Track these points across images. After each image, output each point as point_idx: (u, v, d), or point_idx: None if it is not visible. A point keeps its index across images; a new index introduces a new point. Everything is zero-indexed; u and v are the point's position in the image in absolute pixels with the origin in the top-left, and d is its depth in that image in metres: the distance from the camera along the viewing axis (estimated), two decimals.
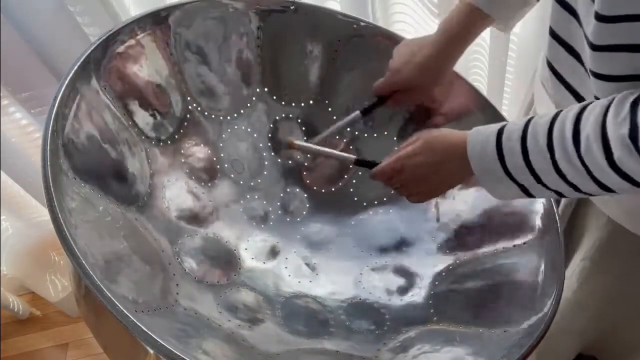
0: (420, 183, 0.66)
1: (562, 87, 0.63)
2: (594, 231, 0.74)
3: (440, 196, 0.75)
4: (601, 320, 0.86)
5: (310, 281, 0.79)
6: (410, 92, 0.75)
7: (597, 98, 0.55)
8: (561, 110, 0.53)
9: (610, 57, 0.49)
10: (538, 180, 0.55)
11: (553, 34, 0.61)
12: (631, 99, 0.47)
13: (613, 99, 0.49)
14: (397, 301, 0.77)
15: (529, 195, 0.58)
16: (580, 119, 0.50)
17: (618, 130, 0.47)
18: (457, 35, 0.70)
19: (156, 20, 0.74)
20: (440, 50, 0.71)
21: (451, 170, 0.62)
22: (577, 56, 0.59)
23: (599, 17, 0.47)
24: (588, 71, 0.54)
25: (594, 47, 0.49)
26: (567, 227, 0.77)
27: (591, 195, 0.55)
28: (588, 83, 0.57)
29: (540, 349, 0.79)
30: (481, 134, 0.58)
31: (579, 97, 0.62)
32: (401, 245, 0.83)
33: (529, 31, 1.14)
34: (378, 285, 0.79)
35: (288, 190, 0.87)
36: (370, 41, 0.84)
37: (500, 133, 0.56)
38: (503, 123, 0.58)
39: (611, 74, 0.51)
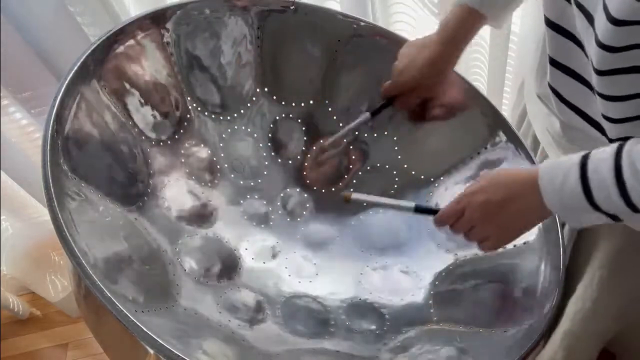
0: (487, 224, 0.59)
1: (567, 108, 0.63)
2: (609, 239, 0.73)
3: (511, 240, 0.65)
4: (620, 321, 0.86)
5: (310, 281, 0.79)
6: (415, 93, 0.76)
7: (605, 117, 0.55)
8: None
9: (617, 79, 0.49)
10: (637, 210, 0.51)
11: (553, 61, 0.61)
12: None
13: None
14: (397, 301, 0.76)
15: (618, 220, 0.54)
16: None
17: None
18: (454, 36, 0.71)
19: (156, 20, 0.74)
20: (439, 51, 0.72)
21: (521, 207, 0.57)
22: (579, 78, 0.59)
23: (605, 47, 0.47)
24: (594, 93, 0.54)
25: (599, 72, 0.49)
26: (576, 239, 0.76)
27: None
28: (594, 103, 0.57)
29: (565, 359, 0.79)
30: (559, 167, 0.54)
31: (586, 117, 0.61)
32: (401, 245, 0.83)
33: (528, 31, 1.14)
34: (378, 285, 0.79)
35: (288, 190, 0.87)
36: (370, 41, 0.84)
37: (583, 164, 0.52)
38: (579, 154, 0.53)
39: (619, 95, 0.51)
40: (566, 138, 0.67)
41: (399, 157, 0.86)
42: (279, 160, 0.87)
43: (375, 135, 0.87)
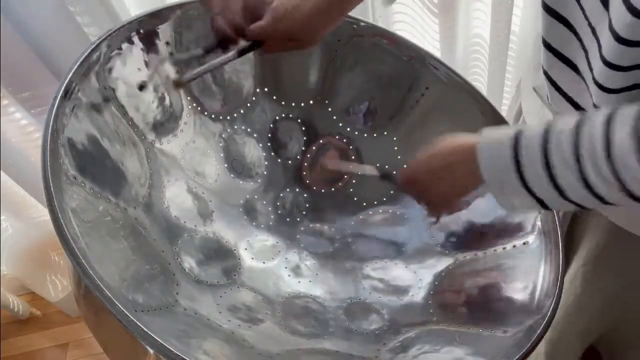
0: (432, 191, 0.62)
1: (559, 95, 0.63)
2: (594, 234, 0.74)
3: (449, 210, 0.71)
4: (604, 318, 0.86)
5: (310, 281, 0.79)
6: (284, 43, 0.70)
7: (595, 106, 0.55)
8: (583, 116, 0.49)
9: (627, 74, 0.48)
10: (562, 194, 0.50)
11: (547, 45, 0.60)
12: None
13: None
14: (397, 301, 0.77)
15: (546, 208, 0.53)
16: (609, 128, 0.46)
17: None
18: None
19: (156, 20, 0.74)
20: (321, 9, 0.67)
21: (458, 176, 0.58)
22: (572, 65, 0.59)
23: (622, 41, 0.45)
24: (591, 82, 0.53)
25: (613, 67, 0.48)
26: (567, 231, 0.77)
27: (614, 204, 0.51)
28: (585, 92, 0.57)
29: (548, 353, 0.78)
30: (494, 138, 0.53)
31: (577, 107, 0.61)
32: (401, 245, 0.83)
33: (529, 31, 1.14)
34: (378, 285, 0.79)
35: (288, 190, 0.87)
36: (370, 41, 0.84)
37: (516, 139, 0.51)
38: (517, 127, 0.53)
39: (620, 87, 0.50)
40: None
41: (399, 157, 0.86)
42: (279, 160, 0.87)
43: (375, 135, 0.87)
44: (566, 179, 0.49)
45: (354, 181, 0.88)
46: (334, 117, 0.88)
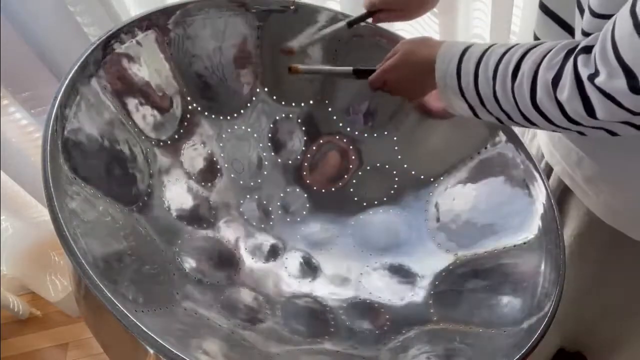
0: (403, 92, 0.72)
1: None
2: (573, 221, 0.76)
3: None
4: (579, 311, 0.87)
5: (311, 281, 0.79)
6: (395, 13, 0.79)
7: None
8: (518, 44, 0.56)
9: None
10: (482, 103, 0.59)
11: (542, 6, 0.63)
12: (569, 47, 0.50)
13: (556, 45, 0.52)
14: (397, 301, 0.76)
15: (476, 115, 0.62)
16: (524, 56, 0.53)
17: (545, 74, 0.51)
18: None
19: (156, 20, 0.74)
20: None
21: (425, 83, 0.66)
22: (566, 27, 0.60)
23: (594, 14, 0.48)
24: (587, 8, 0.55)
25: (600, 15, 0.50)
26: None
27: (522, 126, 0.59)
28: None
29: None
30: (450, 51, 0.61)
31: None
32: (401, 245, 0.83)
33: (529, 31, 1.14)
34: (378, 285, 0.79)
35: (288, 190, 0.87)
36: (370, 41, 0.84)
37: (464, 52, 0.59)
38: (472, 42, 0.61)
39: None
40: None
41: (399, 157, 0.86)
42: (279, 160, 0.87)
43: (375, 135, 0.87)
44: (484, 90, 0.58)
45: (354, 181, 0.88)
46: (334, 117, 0.88)
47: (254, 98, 0.85)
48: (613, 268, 0.79)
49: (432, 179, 0.84)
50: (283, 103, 0.87)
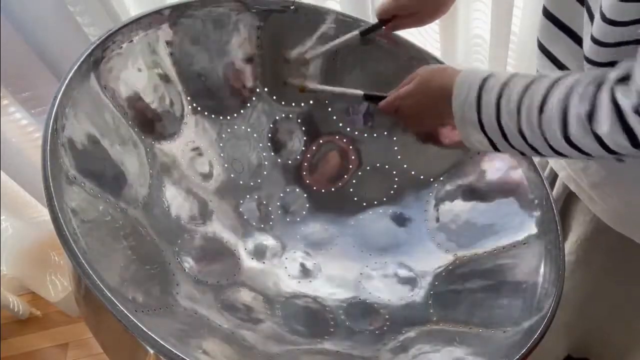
0: (416, 121, 0.71)
1: (555, 67, 0.64)
2: (579, 227, 0.75)
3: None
4: (585, 316, 0.87)
5: (310, 281, 0.79)
6: (409, 19, 0.77)
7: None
8: (542, 75, 0.54)
9: (624, 30, 0.49)
10: (504, 137, 0.57)
11: (547, 13, 0.61)
12: (599, 79, 0.49)
13: (583, 77, 0.50)
14: (397, 301, 0.76)
15: (496, 149, 0.60)
16: (551, 89, 0.52)
17: (578, 108, 0.49)
18: None
19: (156, 20, 0.74)
20: None
21: (441, 113, 0.64)
22: (572, 34, 0.59)
23: (607, 20, 0.47)
24: (589, 38, 0.54)
25: (612, 22, 0.49)
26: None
27: (549, 157, 0.59)
28: (581, 62, 0.57)
29: None
30: (468, 79, 0.59)
31: None
32: (401, 245, 0.83)
33: (528, 31, 1.14)
34: (378, 285, 0.79)
35: (288, 190, 0.87)
36: (371, 42, 0.84)
37: (484, 82, 0.57)
38: (491, 71, 0.59)
39: (616, 42, 0.51)
40: None
41: (399, 157, 0.86)
42: (279, 160, 0.87)
43: (375, 135, 0.87)
44: (507, 124, 0.56)
45: (354, 181, 0.88)
46: (334, 117, 0.88)
47: (254, 98, 0.86)
48: (620, 273, 0.78)
49: (432, 179, 0.84)
50: (283, 103, 0.87)
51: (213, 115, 0.83)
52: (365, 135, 0.88)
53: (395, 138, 0.87)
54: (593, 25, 0.51)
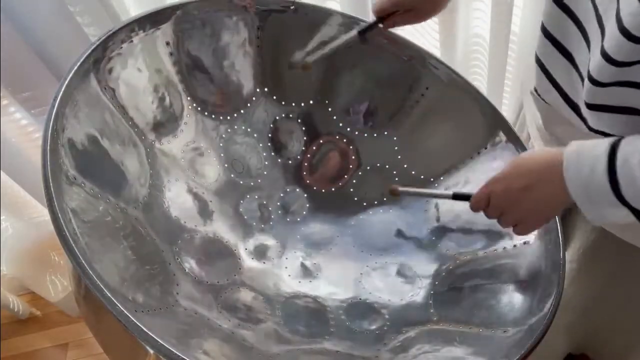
0: (513, 210, 0.59)
1: (551, 86, 0.63)
2: (582, 234, 0.75)
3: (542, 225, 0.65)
4: (588, 318, 0.86)
5: (310, 281, 0.79)
6: (408, 15, 0.76)
7: (586, 104, 0.55)
8: None
9: (620, 70, 0.49)
10: None
11: (546, 33, 0.61)
12: None
13: None
14: (397, 301, 0.77)
15: None
16: None
17: None
18: None
19: (156, 20, 0.74)
20: None
21: (544, 194, 0.55)
22: (570, 58, 0.59)
23: (625, 33, 0.45)
24: (586, 75, 0.54)
25: (610, 60, 0.48)
26: None
27: None
28: (578, 85, 0.57)
29: None
30: (584, 154, 0.51)
31: (566, 98, 0.62)
32: (401, 245, 0.83)
33: (528, 31, 1.14)
34: (378, 285, 0.79)
35: (288, 190, 0.87)
36: (371, 42, 0.84)
37: (613, 153, 0.49)
38: (611, 141, 0.50)
39: (610, 82, 0.51)
40: (549, 132, 0.67)
41: (399, 157, 0.86)
42: (279, 160, 0.87)
43: (375, 135, 0.87)
44: None
45: (354, 181, 0.88)
46: (334, 117, 0.88)
47: (254, 98, 0.85)
48: (622, 279, 0.78)
49: (432, 179, 0.84)
50: (283, 103, 0.87)
51: (213, 115, 0.83)
52: (365, 135, 0.88)
53: (395, 138, 0.87)
54: (590, 62, 0.50)
